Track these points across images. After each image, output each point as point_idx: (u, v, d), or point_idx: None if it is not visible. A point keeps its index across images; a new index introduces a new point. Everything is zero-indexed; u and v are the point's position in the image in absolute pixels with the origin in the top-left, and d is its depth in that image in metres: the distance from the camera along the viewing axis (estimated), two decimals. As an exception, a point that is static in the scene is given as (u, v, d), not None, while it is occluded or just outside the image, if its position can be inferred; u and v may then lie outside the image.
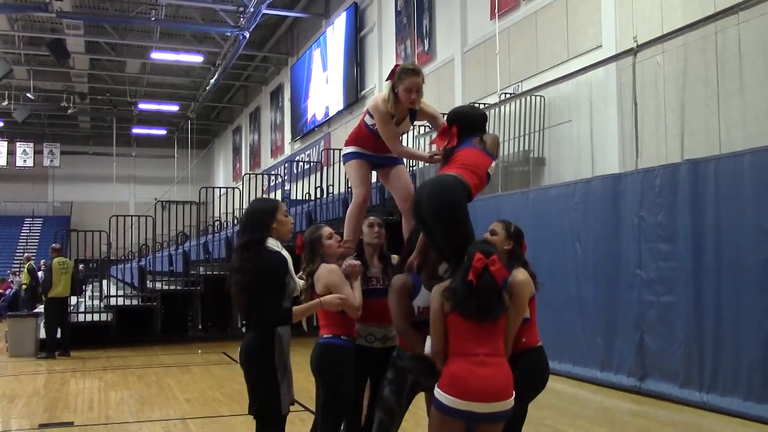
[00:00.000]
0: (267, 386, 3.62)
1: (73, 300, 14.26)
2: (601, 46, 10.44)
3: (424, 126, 11.22)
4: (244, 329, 3.86)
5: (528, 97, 11.46)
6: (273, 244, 3.68)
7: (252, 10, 19.09)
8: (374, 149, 4.36)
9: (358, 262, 4.02)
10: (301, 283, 3.87)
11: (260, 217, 3.71)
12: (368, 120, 4.32)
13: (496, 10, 12.57)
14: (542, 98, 11.38)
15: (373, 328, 4.13)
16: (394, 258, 4.26)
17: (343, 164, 4.56)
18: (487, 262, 3.45)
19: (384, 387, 3.92)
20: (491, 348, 3.46)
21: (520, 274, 3.80)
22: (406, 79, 4.08)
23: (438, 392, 3.44)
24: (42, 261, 23.72)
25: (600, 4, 10.48)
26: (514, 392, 3.45)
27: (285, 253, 3.69)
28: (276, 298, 3.63)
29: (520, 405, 3.62)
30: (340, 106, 20.65)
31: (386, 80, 4.23)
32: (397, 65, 4.24)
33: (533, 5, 12.12)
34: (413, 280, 3.89)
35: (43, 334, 12.70)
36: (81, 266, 15.92)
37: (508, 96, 11.88)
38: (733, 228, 6.78)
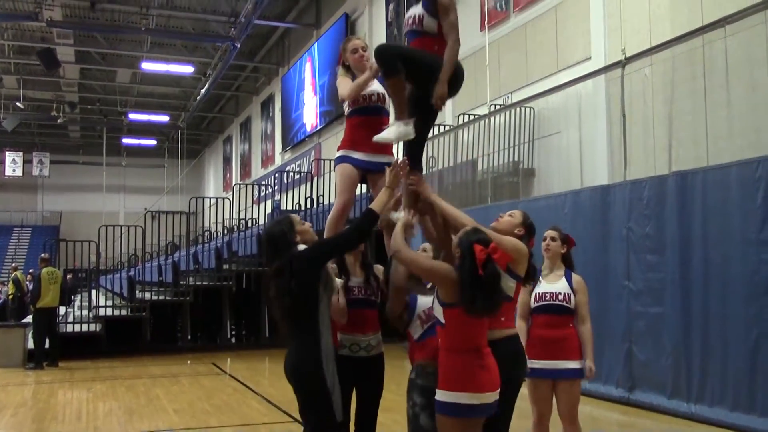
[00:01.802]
0: (320, 398, 3.53)
1: (62, 310, 14.19)
2: (589, 58, 10.51)
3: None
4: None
5: (517, 109, 11.52)
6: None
7: (243, 20, 19.15)
8: (364, 146, 4.23)
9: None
10: (339, 281, 3.85)
11: (282, 239, 3.66)
12: (346, 110, 4.38)
13: (486, 22, 12.64)
14: (532, 109, 11.44)
15: (357, 338, 4.12)
16: (377, 268, 4.24)
17: (333, 169, 4.58)
18: (489, 251, 3.33)
19: (418, 415, 3.71)
20: (485, 338, 3.45)
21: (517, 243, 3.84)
22: (347, 44, 4.41)
23: (451, 395, 3.32)
24: (30, 271, 23.61)
25: (589, 16, 10.57)
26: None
27: None
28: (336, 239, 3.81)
29: (510, 393, 3.62)
30: (331, 117, 20.69)
31: (337, 66, 4.48)
32: (340, 51, 4.46)
33: (523, 17, 12.20)
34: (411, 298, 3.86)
35: (31, 345, 12.64)
36: (68, 276, 15.84)
37: (497, 107, 11.94)
38: (720, 239, 6.83)
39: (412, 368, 3.85)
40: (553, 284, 4.78)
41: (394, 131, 3.84)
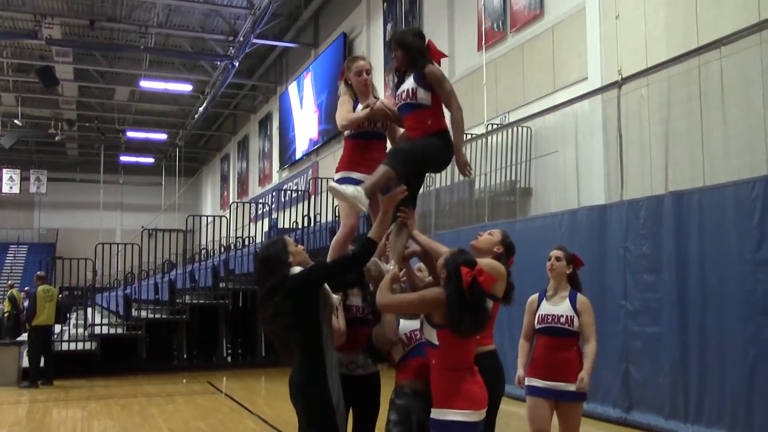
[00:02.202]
0: (325, 416, 3.55)
1: (57, 328, 14.14)
2: (586, 78, 10.57)
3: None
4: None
5: (515, 128, 11.56)
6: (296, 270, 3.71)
7: (242, 39, 19.23)
8: (364, 168, 4.23)
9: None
10: (337, 298, 3.86)
11: (276, 259, 3.67)
12: (346, 132, 4.36)
13: (484, 42, 12.72)
14: (529, 129, 11.49)
15: (354, 356, 4.13)
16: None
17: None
18: (474, 273, 3.41)
19: (390, 431, 3.82)
20: (469, 361, 3.52)
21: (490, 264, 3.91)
22: (352, 64, 4.35)
23: (462, 413, 3.38)
24: (26, 288, 23.53)
25: (585, 37, 10.64)
26: None
27: None
28: (334, 263, 3.81)
29: (491, 408, 3.68)
30: (329, 135, 20.74)
31: (339, 80, 4.42)
32: (344, 66, 4.42)
33: (520, 37, 12.28)
34: None
35: (25, 363, 12.56)
36: (62, 294, 15.70)
37: (495, 126, 11.98)
38: (716, 259, 6.84)
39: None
40: (556, 306, 4.75)
41: (351, 190, 3.84)
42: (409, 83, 4.10)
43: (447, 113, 4.17)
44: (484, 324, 3.52)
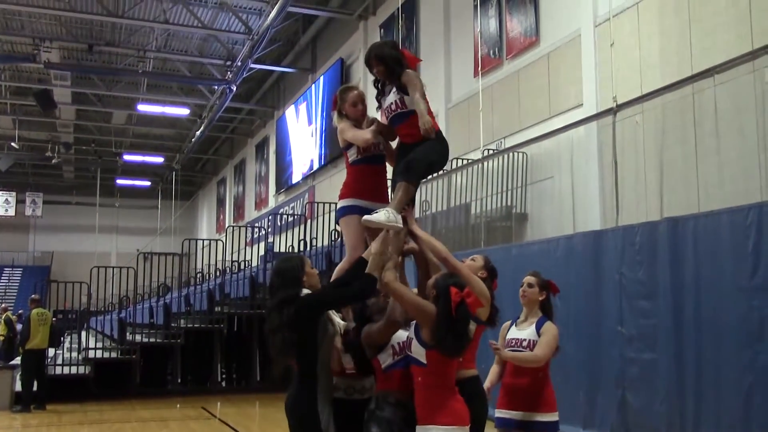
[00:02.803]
0: None
1: (51, 352, 14.06)
2: (581, 104, 10.65)
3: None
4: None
5: (511, 154, 11.62)
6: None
7: (240, 64, 19.35)
8: (371, 195, 4.25)
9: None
10: (342, 323, 3.90)
11: (292, 274, 3.76)
12: (349, 156, 4.36)
13: (480, 69, 12.83)
14: (525, 155, 11.55)
15: (352, 381, 4.11)
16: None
17: (336, 220, 4.54)
18: (463, 295, 3.54)
19: None
20: (452, 382, 3.61)
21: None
22: (346, 95, 4.36)
23: (446, 429, 3.47)
24: (19, 311, 23.42)
25: (580, 64, 10.74)
26: None
27: None
28: (342, 295, 3.82)
29: None
30: (325, 160, 20.81)
31: (332, 111, 4.44)
32: (335, 96, 4.43)
33: (515, 64, 12.39)
34: None
35: (18, 387, 12.47)
36: (55, 318, 15.61)
37: (491, 152, 12.04)
38: (712, 285, 6.84)
39: (371, 400, 3.90)
40: (521, 331, 4.75)
41: (384, 216, 3.86)
42: (393, 95, 4.21)
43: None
44: (464, 347, 3.62)
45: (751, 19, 8.12)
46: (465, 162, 12.27)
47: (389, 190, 4.30)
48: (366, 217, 3.92)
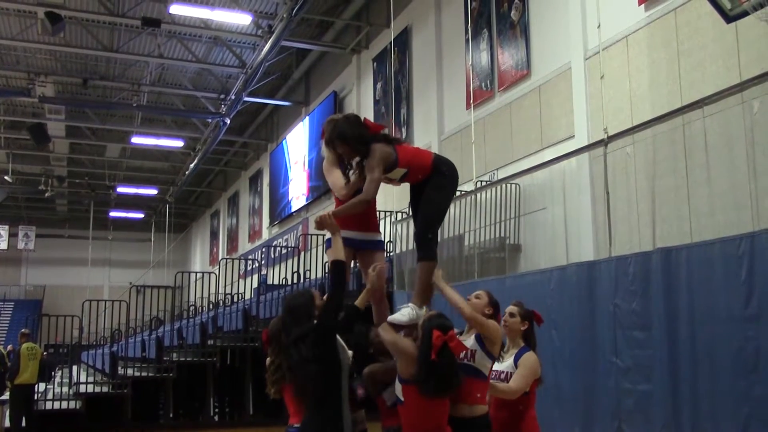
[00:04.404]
0: None
1: (41, 386, 13.90)
2: (573, 136, 10.73)
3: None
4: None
5: (503, 185, 11.66)
6: None
7: (233, 97, 19.45)
8: (357, 225, 4.30)
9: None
10: (350, 353, 3.91)
11: (304, 310, 3.79)
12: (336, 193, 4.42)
13: (472, 101, 12.92)
14: (517, 186, 11.59)
15: (354, 415, 4.09)
16: None
17: (325, 250, 4.58)
18: (446, 338, 3.53)
19: None
20: (446, 417, 3.55)
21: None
22: (339, 147, 4.32)
23: None
24: (9, 347, 23.17)
25: (572, 96, 10.83)
26: None
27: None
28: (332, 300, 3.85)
29: None
30: (318, 192, 20.84)
31: (321, 138, 4.47)
32: (324, 126, 4.45)
33: (507, 96, 12.49)
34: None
35: (7, 423, 12.30)
36: (45, 352, 15.44)
37: (484, 183, 12.08)
38: (706, 315, 6.83)
39: None
40: (502, 363, 4.60)
41: (408, 314, 3.97)
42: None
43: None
44: (452, 387, 3.59)
45: (739, 50, 8.23)
46: (458, 193, 12.29)
47: (377, 220, 4.37)
48: (390, 318, 4.02)
